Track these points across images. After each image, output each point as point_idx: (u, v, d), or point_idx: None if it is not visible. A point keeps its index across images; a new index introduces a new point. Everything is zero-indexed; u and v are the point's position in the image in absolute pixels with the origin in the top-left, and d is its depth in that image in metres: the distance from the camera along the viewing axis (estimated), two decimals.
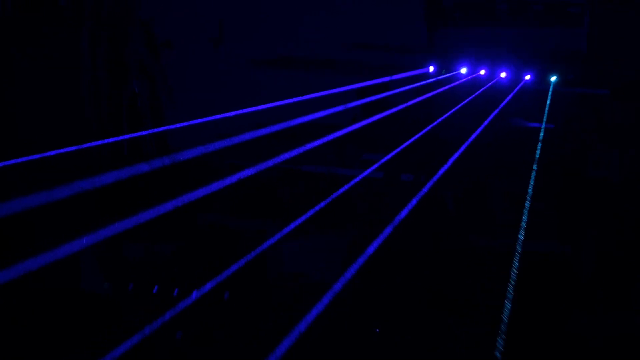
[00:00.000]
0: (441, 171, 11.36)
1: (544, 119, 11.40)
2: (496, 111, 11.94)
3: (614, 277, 9.52)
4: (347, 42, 13.82)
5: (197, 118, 12.12)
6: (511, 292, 8.31)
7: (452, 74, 13.35)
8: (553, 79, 12.24)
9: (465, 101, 12.33)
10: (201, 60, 14.07)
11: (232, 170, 10.69)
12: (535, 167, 10.16)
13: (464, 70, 13.31)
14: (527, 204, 9.58)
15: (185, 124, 10.63)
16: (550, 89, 11.94)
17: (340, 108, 10.75)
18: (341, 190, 10.82)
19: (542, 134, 11.05)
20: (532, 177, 10.01)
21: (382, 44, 13.67)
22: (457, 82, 12.92)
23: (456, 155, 11.56)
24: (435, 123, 11.95)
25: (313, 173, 11.98)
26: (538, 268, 9.52)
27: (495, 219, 11.20)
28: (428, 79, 13.26)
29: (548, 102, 11.51)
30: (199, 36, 13.98)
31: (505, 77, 12.80)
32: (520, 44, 12.69)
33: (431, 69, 13.56)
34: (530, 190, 9.79)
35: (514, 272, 9.17)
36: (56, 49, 11.77)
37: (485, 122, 11.72)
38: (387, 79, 12.58)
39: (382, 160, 11.48)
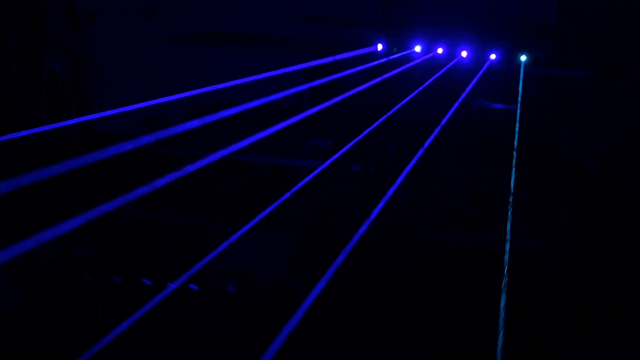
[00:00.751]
0: (394, 160, 10.46)
1: (518, 102, 10.34)
2: (460, 99, 10.84)
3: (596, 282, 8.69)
4: (290, 14, 12.59)
5: (126, 99, 11.16)
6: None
7: (404, 53, 12.02)
8: (523, 58, 11.06)
9: (422, 86, 11.18)
10: (130, 36, 12.86)
11: (164, 161, 9.72)
12: (514, 154, 9.16)
13: (418, 49, 11.93)
14: (510, 197, 8.62)
15: (114, 111, 9.42)
16: (522, 70, 10.81)
17: (289, 92, 9.63)
18: (286, 181, 9.91)
19: (518, 117, 9.99)
20: (513, 167, 9.01)
21: (328, 15, 12.42)
22: (411, 63, 11.66)
23: (411, 142, 10.62)
24: (395, 109, 10.86)
25: (250, 163, 10.91)
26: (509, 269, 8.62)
27: (458, 213, 10.31)
28: (377, 59, 11.88)
29: (520, 85, 10.44)
30: (128, 8, 12.73)
31: (467, 56, 11.56)
32: (481, 16, 11.49)
33: (379, 47, 12.03)
34: (512, 182, 8.80)
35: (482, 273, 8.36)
36: None
37: (449, 107, 10.68)
38: (330, 59, 11.30)
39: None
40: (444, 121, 10.52)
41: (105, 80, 12.52)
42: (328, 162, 10.01)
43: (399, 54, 11.95)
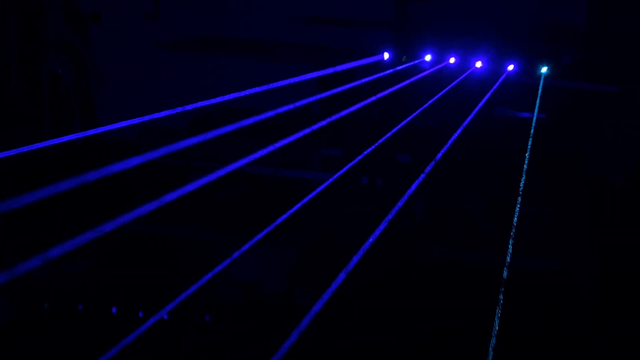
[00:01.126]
0: (406, 173, 10.17)
1: (535, 112, 9.87)
2: (474, 112, 10.42)
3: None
4: (295, 18, 12.19)
5: (129, 101, 11.01)
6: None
7: (413, 62, 11.41)
8: (544, 70, 10.49)
9: (432, 99, 10.78)
10: (134, 38, 12.60)
11: (166, 171, 9.46)
12: (525, 166, 8.78)
13: (428, 58, 11.33)
14: (517, 209, 8.27)
15: (123, 123, 9.16)
16: (541, 83, 10.27)
17: (298, 104, 9.35)
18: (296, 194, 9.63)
19: (532, 130, 9.57)
20: (522, 178, 8.65)
21: (335, 17, 11.97)
22: (420, 75, 11.14)
23: (422, 154, 10.32)
24: (400, 126, 10.53)
25: (256, 174, 10.60)
26: (526, 290, 8.30)
27: (475, 229, 9.95)
28: (384, 68, 11.27)
29: (538, 99, 10.02)
30: (132, 10, 12.46)
31: (482, 67, 10.97)
32: (500, 22, 10.88)
33: (386, 55, 11.41)
34: (520, 193, 8.45)
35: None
36: None
37: (461, 120, 10.32)
38: (330, 70, 10.81)
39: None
40: (456, 134, 10.19)
41: (108, 82, 12.29)
42: (336, 175, 9.73)
43: (408, 64, 11.39)
